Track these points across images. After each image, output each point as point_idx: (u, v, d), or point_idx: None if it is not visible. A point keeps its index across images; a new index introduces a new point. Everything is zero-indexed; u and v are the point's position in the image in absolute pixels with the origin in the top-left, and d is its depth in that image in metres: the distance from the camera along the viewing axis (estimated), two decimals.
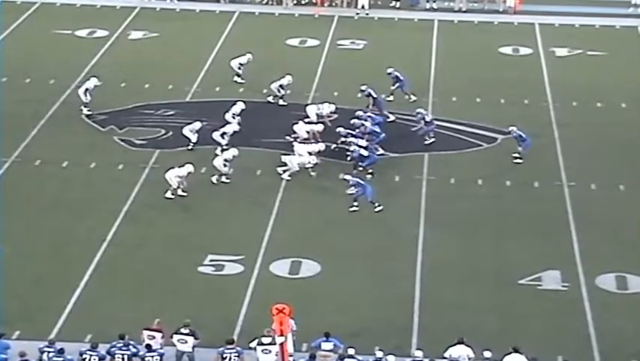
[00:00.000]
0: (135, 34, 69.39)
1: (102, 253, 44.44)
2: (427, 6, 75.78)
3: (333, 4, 75.58)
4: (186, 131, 53.58)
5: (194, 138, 53.65)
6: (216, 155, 50.86)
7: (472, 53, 66.68)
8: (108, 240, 45.44)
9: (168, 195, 48.24)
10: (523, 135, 52.78)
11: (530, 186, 50.92)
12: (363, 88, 57.08)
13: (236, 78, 60.73)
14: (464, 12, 75.17)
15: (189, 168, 48.78)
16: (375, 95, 56.79)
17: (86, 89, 56.74)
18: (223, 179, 49.92)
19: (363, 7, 74.81)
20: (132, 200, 48.84)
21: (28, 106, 57.18)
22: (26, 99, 58.13)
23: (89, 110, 56.58)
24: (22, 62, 63.20)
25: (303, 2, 75.81)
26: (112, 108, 57.71)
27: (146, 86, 60.60)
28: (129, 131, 55.27)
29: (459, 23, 73.46)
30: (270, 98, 58.82)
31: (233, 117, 54.79)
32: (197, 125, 53.77)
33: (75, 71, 62.11)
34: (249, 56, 60.89)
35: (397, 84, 58.93)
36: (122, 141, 54.36)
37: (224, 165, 49.93)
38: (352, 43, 69.12)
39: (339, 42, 68.81)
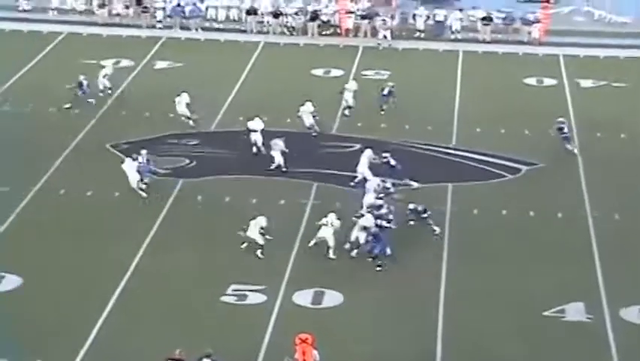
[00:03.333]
0: (160, 64, 69.77)
1: (125, 282, 44.48)
2: (452, 37, 76.02)
3: (358, 34, 75.81)
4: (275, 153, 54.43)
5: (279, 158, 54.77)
6: None
7: (496, 84, 66.73)
8: (132, 269, 45.56)
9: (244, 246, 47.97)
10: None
11: (554, 217, 50.80)
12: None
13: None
14: (488, 42, 75.36)
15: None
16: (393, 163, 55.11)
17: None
18: None
19: (385, 37, 75.14)
20: (156, 230, 48.94)
21: (54, 135, 57.36)
22: (51, 128, 58.35)
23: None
24: (48, 91, 63.37)
25: (327, 33, 76.10)
26: (136, 138, 57.84)
27: (171, 115, 60.59)
28: (153, 159, 55.32)
29: (483, 54, 73.70)
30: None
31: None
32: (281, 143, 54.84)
33: (99, 100, 62.42)
34: None
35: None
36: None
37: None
38: (377, 73, 69.22)
39: (364, 72, 68.94)
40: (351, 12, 77.49)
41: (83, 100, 61.14)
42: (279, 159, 55.01)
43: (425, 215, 48.59)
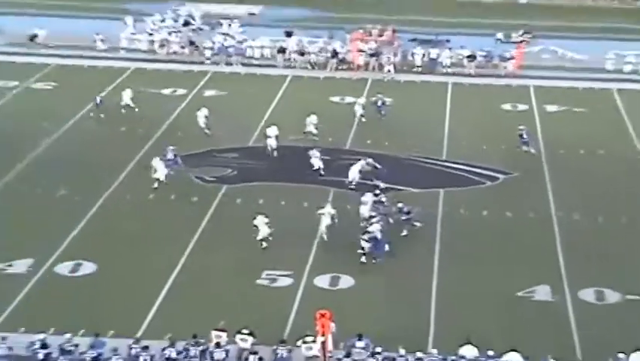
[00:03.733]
0: (209, 93, 69.43)
1: (180, 268, 44.38)
2: (443, 71, 75.74)
3: (368, 69, 75.66)
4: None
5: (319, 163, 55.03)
6: None
7: (479, 109, 66.40)
8: (186, 255, 45.43)
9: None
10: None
11: (526, 216, 50.59)
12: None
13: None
14: (473, 76, 75.03)
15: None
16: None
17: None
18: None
19: (389, 70, 74.95)
20: (204, 225, 48.75)
21: (122, 150, 57.19)
22: (121, 144, 58.21)
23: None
24: (119, 115, 63.17)
25: (343, 68, 75.97)
26: (189, 151, 57.56)
27: (215, 133, 60.35)
28: (202, 169, 55.22)
29: (468, 85, 73.24)
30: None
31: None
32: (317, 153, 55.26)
33: (159, 122, 62.23)
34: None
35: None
36: (197, 177, 54.29)
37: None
38: (383, 99, 68.51)
39: (373, 99, 68.50)
40: (362, 51, 77.39)
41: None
42: (318, 164, 55.19)
43: (409, 215, 48.30)
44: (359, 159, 54.82)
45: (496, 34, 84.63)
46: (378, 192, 50.12)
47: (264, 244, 46.42)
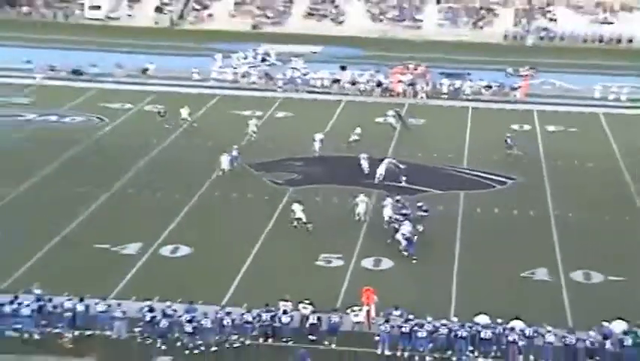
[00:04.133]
0: (280, 114, 69.52)
1: (256, 251, 44.48)
2: (464, 97, 75.45)
3: (406, 95, 75.44)
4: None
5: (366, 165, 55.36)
6: None
7: (492, 127, 65.95)
8: (260, 243, 45.48)
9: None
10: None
11: (528, 213, 50.30)
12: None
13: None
14: (488, 101, 74.69)
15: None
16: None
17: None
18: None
19: (422, 97, 74.85)
20: (275, 218, 48.83)
21: (211, 157, 57.02)
22: (210, 153, 58.14)
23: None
24: (212, 131, 63.43)
25: (385, 95, 75.84)
26: (263, 160, 57.76)
27: (285, 146, 60.58)
28: (274, 174, 55.33)
29: (485, 109, 72.92)
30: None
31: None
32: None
33: (241, 137, 62.18)
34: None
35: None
36: (270, 181, 54.44)
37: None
38: (417, 120, 68.66)
39: (409, 120, 68.39)
40: (401, 81, 77.23)
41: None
42: (366, 166, 55.27)
43: (425, 213, 47.71)
44: (385, 159, 55.54)
45: (506, 69, 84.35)
46: (399, 197, 49.55)
47: (295, 224, 47.04)
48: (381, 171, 54.11)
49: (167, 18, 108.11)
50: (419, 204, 48.53)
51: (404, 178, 53.66)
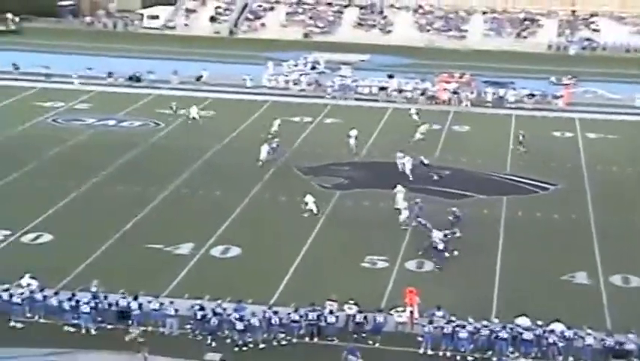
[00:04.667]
0: (328, 120, 69.34)
1: (304, 252, 44.36)
2: (508, 106, 74.84)
3: (451, 103, 75.00)
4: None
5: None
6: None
7: (535, 135, 65.21)
8: (309, 241, 45.44)
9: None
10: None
11: (570, 217, 49.83)
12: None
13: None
14: (531, 110, 74.04)
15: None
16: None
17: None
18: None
19: (466, 105, 74.36)
20: (322, 221, 48.66)
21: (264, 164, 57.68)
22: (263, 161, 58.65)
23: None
24: (259, 137, 63.54)
25: (431, 102, 75.42)
26: (312, 164, 57.71)
27: (333, 151, 60.40)
28: (322, 178, 55.20)
29: (528, 116, 72.29)
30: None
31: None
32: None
33: (290, 142, 62.39)
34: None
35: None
36: (318, 185, 54.31)
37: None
38: (461, 127, 68.37)
39: (454, 127, 68.09)
40: (447, 89, 76.84)
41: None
42: (409, 169, 55.14)
43: (458, 219, 47.08)
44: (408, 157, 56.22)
45: (549, 78, 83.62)
46: (418, 200, 49.13)
47: (307, 215, 48.43)
48: (407, 168, 55.05)
49: (226, 27, 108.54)
50: (453, 209, 48.13)
51: (435, 176, 54.29)
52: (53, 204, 49.48)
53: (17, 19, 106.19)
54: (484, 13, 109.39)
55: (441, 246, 43.45)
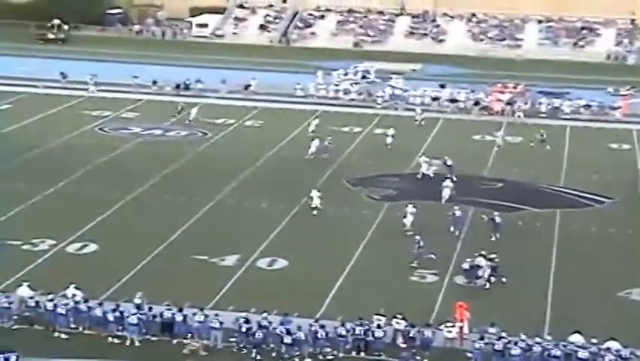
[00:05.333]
0: (377, 130, 69.08)
1: (351, 265, 44.22)
2: (563, 116, 74.30)
3: (504, 114, 74.56)
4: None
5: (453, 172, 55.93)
6: None
7: (591, 146, 65.00)
8: (355, 258, 45.22)
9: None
10: None
11: (625, 232, 49.31)
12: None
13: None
14: (587, 120, 73.47)
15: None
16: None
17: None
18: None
19: (519, 115, 73.98)
20: (371, 233, 48.60)
21: (311, 171, 57.91)
22: (309, 167, 58.76)
23: None
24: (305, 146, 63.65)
25: (484, 113, 75.11)
26: (360, 175, 57.75)
27: (382, 162, 60.30)
28: (370, 190, 55.12)
29: (583, 128, 71.87)
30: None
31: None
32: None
33: (339, 152, 62.49)
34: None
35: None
36: (367, 196, 54.23)
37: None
38: (514, 137, 67.97)
39: (507, 138, 67.75)
40: (500, 100, 76.47)
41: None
42: (454, 172, 55.26)
43: (496, 226, 47.82)
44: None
45: (607, 88, 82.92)
46: (457, 207, 49.60)
47: (315, 212, 50.13)
48: (428, 171, 56.46)
49: (276, 36, 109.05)
50: (495, 214, 48.62)
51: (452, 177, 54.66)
52: (99, 213, 49.96)
53: (66, 27, 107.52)
54: (539, 21, 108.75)
55: (485, 273, 42.44)
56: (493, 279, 42.13)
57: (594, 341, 35.28)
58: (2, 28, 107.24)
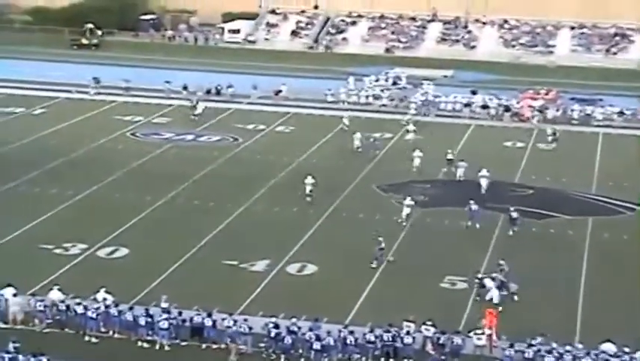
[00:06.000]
0: (409, 136, 68.69)
1: (380, 271, 44.13)
2: (595, 123, 73.89)
3: (535, 121, 74.27)
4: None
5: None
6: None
7: (623, 154, 64.60)
8: (384, 264, 45.06)
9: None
10: None
11: None
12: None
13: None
14: (620, 127, 73.09)
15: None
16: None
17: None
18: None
19: (538, 121, 73.47)
20: (400, 239, 48.37)
21: (342, 176, 57.96)
22: (341, 172, 58.91)
23: None
24: (337, 153, 63.33)
25: (515, 120, 74.73)
26: (391, 181, 57.63)
27: (413, 170, 60.12)
28: (402, 196, 54.79)
29: (616, 135, 71.49)
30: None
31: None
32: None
33: (371, 158, 62.59)
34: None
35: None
36: (397, 202, 54.04)
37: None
38: (547, 145, 67.62)
39: (539, 145, 67.43)
40: (532, 106, 76.06)
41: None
42: (485, 184, 55.32)
43: (514, 221, 49.29)
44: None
45: None
46: (472, 201, 50.28)
47: (309, 199, 52.57)
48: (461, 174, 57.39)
49: (308, 42, 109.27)
50: (510, 209, 49.56)
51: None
52: (130, 218, 50.17)
53: (99, 32, 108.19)
54: (572, 28, 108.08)
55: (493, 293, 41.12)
56: (498, 297, 40.41)
57: (626, 350, 34.97)
58: (37, 34, 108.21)
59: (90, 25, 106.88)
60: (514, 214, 49.34)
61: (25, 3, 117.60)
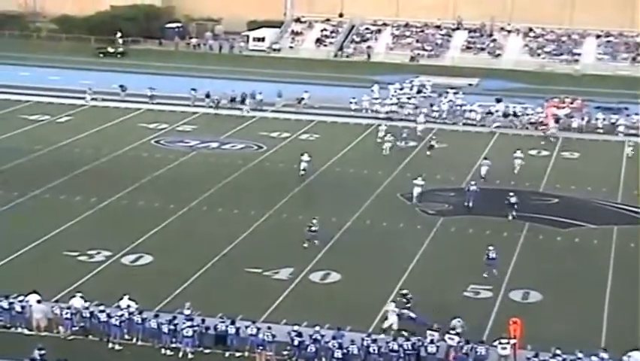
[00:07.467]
0: (436, 145, 68.20)
1: (404, 279, 43.87)
2: (620, 132, 73.28)
3: (554, 130, 73.79)
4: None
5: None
6: None
7: None
8: (408, 272, 44.95)
9: None
10: None
11: None
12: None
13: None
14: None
15: None
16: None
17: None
18: None
19: (552, 132, 72.78)
20: (425, 247, 48.29)
21: (362, 185, 57.73)
22: (359, 182, 58.70)
23: None
24: (360, 161, 63.21)
25: (537, 127, 74.36)
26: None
27: (438, 177, 59.96)
28: (425, 204, 54.68)
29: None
30: None
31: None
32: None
33: (392, 167, 62.31)
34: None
35: None
36: (421, 210, 53.89)
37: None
38: (572, 154, 67.29)
39: (562, 153, 67.10)
40: (557, 114, 75.65)
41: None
42: (485, 171, 56.63)
43: (512, 206, 51.56)
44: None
45: None
46: (473, 182, 52.12)
47: (302, 173, 56.93)
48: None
49: (332, 50, 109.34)
50: (510, 195, 51.45)
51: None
52: (154, 225, 50.25)
53: (124, 40, 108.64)
54: (597, 36, 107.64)
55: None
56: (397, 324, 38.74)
57: None
58: (64, 42, 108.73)
59: (117, 35, 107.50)
60: (514, 199, 51.68)
61: (52, 12, 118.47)
